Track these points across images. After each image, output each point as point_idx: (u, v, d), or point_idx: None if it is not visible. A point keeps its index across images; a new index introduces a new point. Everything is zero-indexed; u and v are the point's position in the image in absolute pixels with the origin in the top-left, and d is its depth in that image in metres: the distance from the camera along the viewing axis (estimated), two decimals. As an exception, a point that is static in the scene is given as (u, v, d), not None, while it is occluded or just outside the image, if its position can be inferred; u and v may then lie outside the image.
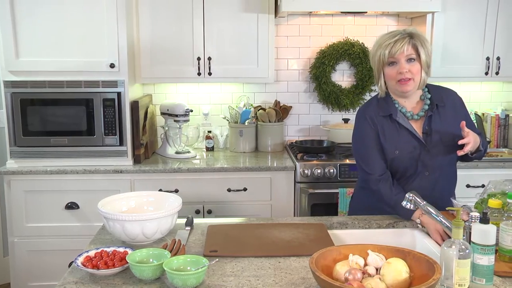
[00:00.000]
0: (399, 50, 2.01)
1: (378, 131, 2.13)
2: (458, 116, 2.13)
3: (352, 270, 1.40)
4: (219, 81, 3.53)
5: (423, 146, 2.09)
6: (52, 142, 3.12)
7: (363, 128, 2.18)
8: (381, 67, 2.09)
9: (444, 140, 2.09)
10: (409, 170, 2.13)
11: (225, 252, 1.73)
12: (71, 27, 3.02)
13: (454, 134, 2.06)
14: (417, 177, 2.12)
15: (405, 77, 2.03)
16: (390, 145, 2.11)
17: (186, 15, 3.31)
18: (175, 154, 3.44)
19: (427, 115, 2.11)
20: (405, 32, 2.05)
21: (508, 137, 3.74)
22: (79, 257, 1.63)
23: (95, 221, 3.06)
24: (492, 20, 3.42)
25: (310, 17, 3.72)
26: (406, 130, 2.10)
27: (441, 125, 2.10)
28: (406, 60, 2.03)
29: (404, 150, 2.10)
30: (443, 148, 2.09)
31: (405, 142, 2.10)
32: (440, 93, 2.17)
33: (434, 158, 2.10)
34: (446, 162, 2.13)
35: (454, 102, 2.17)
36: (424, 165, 2.10)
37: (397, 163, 2.12)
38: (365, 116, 2.17)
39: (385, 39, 2.06)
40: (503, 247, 1.63)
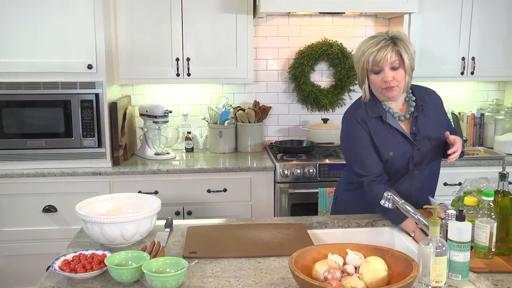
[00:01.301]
0: (383, 60, 2.00)
1: (371, 132, 2.12)
2: (439, 114, 2.20)
3: (331, 269, 1.41)
4: (198, 81, 3.51)
5: (413, 146, 2.11)
6: (29, 145, 3.07)
7: (355, 130, 2.14)
8: (366, 74, 2.08)
9: (431, 138, 2.13)
10: (401, 171, 2.14)
11: (204, 253, 1.72)
12: (47, 27, 2.98)
13: (438, 131, 2.13)
14: (408, 176, 2.15)
15: (390, 85, 2.04)
16: (384, 147, 2.11)
17: (165, 15, 3.29)
18: (155, 156, 3.42)
19: (414, 116, 2.14)
20: (388, 37, 2.03)
21: (483, 136, 3.81)
22: (57, 261, 1.61)
23: (74, 224, 3.02)
24: (466, 20, 3.48)
25: (289, 17, 3.73)
26: (397, 131, 2.11)
27: (426, 124, 2.14)
28: (391, 68, 2.03)
29: (398, 151, 2.11)
30: (431, 146, 2.13)
31: (398, 143, 2.11)
32: (422, 93, 2.21)
33: (424, 157, 2.13)
34: (434, 160, 2.18)
35: (435, 101, 2.22)
36: (414, 164, 2.13)
37: (390, 164, 2.13)
38: (356, 118, 2.14)
39: (368, 46, 2.04)
40: (478, 243, 1.66)
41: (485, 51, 3.54)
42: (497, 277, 1.56)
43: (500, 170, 1.74)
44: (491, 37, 3.53)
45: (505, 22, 3.52)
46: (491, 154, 3.54)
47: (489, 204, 1.65)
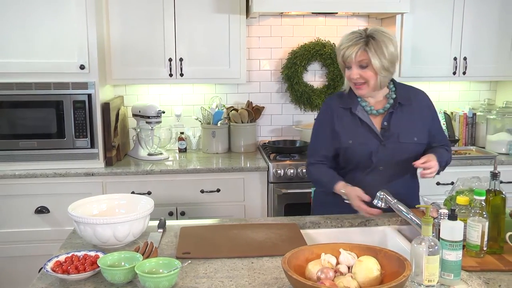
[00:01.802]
0: (349, 58, 2.05)
1: (334, 119, 2.19)
2: (424, 117, 2.18)
3: (324, 269, 1.41)
4: (191, 82, 3.51)
5: (380, 141, 2.12)
6: (21, 146, 3.06)
7: (320, 115, 2.29)
8: (342, 68, 2.16)
9: (401, 137, 2.13)
10: (363, 163, 2.16)
11: (198, 254, 1.72)
12: (39, 27, 2.97)
13: (412, 133, 2.13)
14: (372, 171, 2.15)
15: (357, 82, 2.08)
16: (345, 134, 2.17)
17: (157, 15, 3.29)
18: (148, 156, 3.42)
19: (388, 112, 2.15)
20: (364, 35, 2.05)
21: (475, 136, 3.83)
22: (49, 262, 1.60)
23: (66, 225, 3.01)
24: (458, 21, 3.50)
25: (282, 17, 3.74)
26: (364, 124, 2.15)
27: (401, 123, 2.14)
28: (358, 66, 2.06)
29: (358, 141, 2.14)
30: (399, 145, 2.12)
31: (361, 133, 2.14)
32: (408, 92, 2.21)
33: (390, 154, 2.13)
34: (403, 160, 2.13)
35: (422, 103, 2.21)
36: (378, 159, 2.13)
37: (351, 153, 2.16)
38: (326, 105, 2.26)
39: (343, 41, 2.09)
40: (470, 242, 1.67)
41: (477, 51, 3.56)
42: (489, 276, 1.57)
43: (491, 170, 1.75)
44: (483, 37, 3.55)
45: (496, 22, 3.54)
46: (483, 153, 3.56)
47: (481, 203, 1.66)
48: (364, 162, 2.15)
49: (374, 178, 2.14)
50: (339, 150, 2.20)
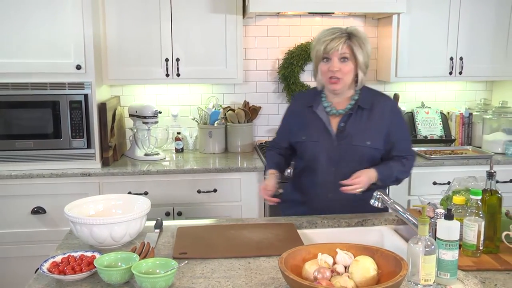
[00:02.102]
0: (333, 49, 2.06)
1: (296, 114, 2.28)
2: (383, 123, 2.16)
3: (321, 269, 1.41)
4: (187, 82, 3.51)
5: (333, 141, 2.14)
6: (17, 146, 3.05)
7: (287, 108, 2.38)
8: (317, 62, 2.15)
9: (355, 140, 2.13)
10: (314, 160, 2.19)
11: (194, 254, 1.72)
12: (36, 27, 2.96)
13: (366, 137, 2.13)
14: (324, 170, 2.17)
15: (335, 75, 2.08)
16: (301, 130, 2.23)
17: (154, 15, 3.28)
18: (144, 156, 3.41)
19: (347, 114, 2.16)
20: (344, 31, 2.10)
21: (472, 135, 3.84)
22: (45, 263, 1.60)
23: (63, 226, 3.00)
24: (454, 21, 3.51)
25: (278, 17, 3.74)
26: (322, 123, 2.17)
27: (357, 126, 2.14)
28: (339, 59, 2.07)
29: (311, 138, 2.18)
30: (351, 147, 2.13)
31: (315, 131, 2.18)
32: (372, 97, 2.20)
33: (342, 156, 2.14)
34: (356, 163, 2.13)
35: (384, 108, 2.18)
36: (330, 159, 2.15)
37: (304, 149, 2.22)
38: (293, 100, 2.38)
39: (324, 35, 2.10)
40: (466, 242, 1.67)
41: (473, 51, 3.57)
42: (485, 275, 1.57)
43: (488, 169, 1.75)
44: (479, 37, 3.56)
45: (492, 22, 3.55)
46: (479, 153, 3.57)
47: (477, 202, 1.66)
48: (316, 160, 2.18)
49: (326, 178, 2.16)
50: (295, 144, 2.27)
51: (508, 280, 1.54)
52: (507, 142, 3.51)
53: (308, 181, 2.23)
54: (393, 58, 3.53)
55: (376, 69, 3.87)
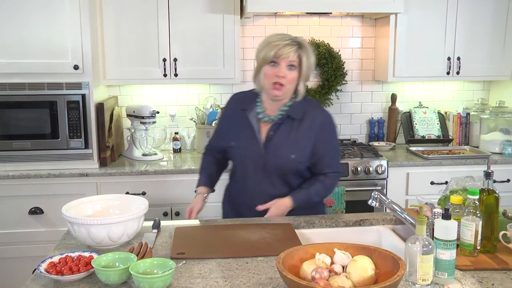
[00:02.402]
0: (284, 55, 2.03)
1: (229, 117, 2.27)
2: (311, 136, 2.13)
3: (319, 268, 1.41)
4: (185, 82, 3.51)
5: (260, 149, 2.14)
6: (14, 146, 3.04)
7: (223, 109, 2.38)
8: (263, 64, 2.10)
9: (280, 151, 2.12)
10: (244, 166, 2.20)
11: (192, 254, 1.72)
12: (33, 27, 2.96)
13: (292, 150, 2.11)
14: (254, 176, 2.17)
15: (280, 81, 2.05)
16: (231, 134, 2.22)
17: (151, 15, 3.28)
18: (142, 156, 3.41)
19: (276, 123, 2.14)
20: (295, 40, 2.08)
21: (469, 135, 3.85)
22: (43, 263, 1.59)
23: (60, 226, 3.00)
24: (452, 21, 3.51)
25: (276, 17, 3.74)
26: (252, 129, 2.17)
27: (285, 138, 2.13)
28: (287, 66, 2.06)
29: (240, 145, 2.18)
30: (276, 158, 2.12)
31: (244, 138, 2.17)
32: (305, 108, 2.16)
33: (268, 165, 2.14)
34: (282, 173, 2.15)
35: (314, 121, 2.15)
36: (257, 167, 2.15)
37: (233, 154, 2.24)
38: (229, 102, 2.33)
39: (276, 39, 2.07)
40: (463, 241, 1.68)
41: (470, 51, 3.58)
42: (482, 274, 1.57)
43: (485, 169, 1.75)
44: (476, 37, 3.57)
45: (489, 22, 3.56)
46: (477, 153, 3.58)
47: (475, 202, 1.66)
48: (245, 167, 2.19)
49: (256, 185, 2.17)
50: (225, 149, 2.27)
51: (505, 280, 1.54)
52: (505, 142, 3.52)
53: (238, 186, 2.26)
54: (391, 58, 3.54)
55: (373, 69, 3.87)
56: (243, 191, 2.23)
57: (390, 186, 3.32)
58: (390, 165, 3.30)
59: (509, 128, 3.59)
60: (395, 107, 3.87)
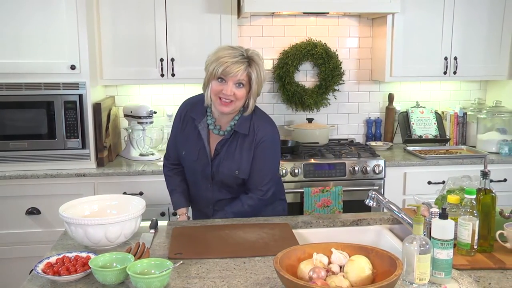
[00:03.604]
0: (233, 74, 2.00)
1: (181, 125, 2.24)
2: (251, 148, 2.14)
3: (316, 268, 1.41)
4: (182, 82, 3.50)
5: (208, 162, 2.17)
6: (11, 146, 3.03)
7: (175, 116, 2.31)
8: (210, 79, 2.07)
9: (225, 167, 2.14)
10: (193, 176, 2.24)
11: (190, 254, 1.72)
12: (29, 27, 2.95)
13: (236, 166, 2.13)
14: (203, 185, 2.22)
15: (228, 99, 2.04)
16: (181, 144, 2.23)
17: (148, 15, 3.28)
18: (139, 157, 3.40)
19: (225, 138, 2.14)
20: (246, 56, 2.04)
21: (466, 135, 3.86)
22: (40, 263, 1.59)
23: (57, 227, 2.99)
24: (448, 21, 3.52)
25: (273, 17, 3.74)
26: (201, 141, 2.17)
27: (230, 153, 2.14)
28: (235, 84, 2.03)
29: (191, 156, 2.20)
30: (222, 173, 2.15)
31: (195, 149, 2.19)
32: (251, 122, 2.15)
33: (216, 177, 2.18)
34: (228, 186, 2.19)
35: (256, 137, 2.14)
36: (207, 178, 2.19)
37: (184, 163, 2.27)
38: (180, 109, 2.29)
39: (225, 54, 2.03)
40: (461, 241, 1.68)
41: (467, 51, 3.58)
42: (479, 274, 1.58)
43: (482, 169, 1.76)
44: (473, 37, 3.57)
45: (486, 22, 3.57)
46: (474, 152, 3.59)
47: (472, 202, 1.67)
48: (195, 176, 2.23)
49: (206, 194, 2.23)
50: (178, 157, 2.28)
51: (502, 279, 1.55)
52: (501, 142, 3.53)
53: (193, 192, 2.31)
54: (388, 58, 3.54)
55: (370, 69, 3.88)
56: (198, 196, 2.29)
57: (388, 185, 3.32)
58: (388, 164, 3.30)
59: (506, 128, 3.60)
60: (392, 107, 3.87)
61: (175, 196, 2.32)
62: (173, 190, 2.34)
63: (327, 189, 3.12)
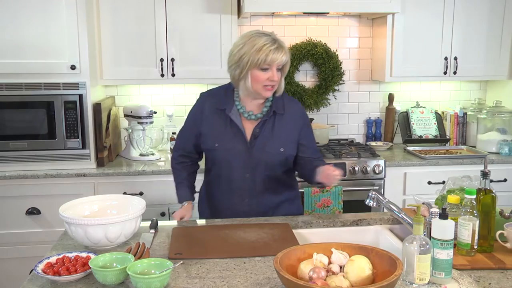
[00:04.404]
0: (278, 60, 2.03)
1: (204, 120, 2.19)
2: (295, 127, 2.20)
3: (316, 268, 1.41)
4: (182, 82, 3.50)
5: (247, 147, 2.13)
6: (11, 146, 3.03)
7: (193, 109, 2.27)
8: (251, 68, 2.05)
9: (268, 146, 2.13)
10: (228, 168, 2.16)
11: (190, 255, 1.72)
12: (29, 27, 2.95)
13: (279, 143, 2.14)
14: (239, 177, 2.16)
15: (274, 84, 2.08)
16: (212, 137, 2.16)
17: (148, 15, 3.28)
18: (139, 157, 3.41)
19: (262, 119, 2.15)
20: (280, 42, 2.07)
21: (466, 135, 3.86)
22: (40, 264, 1.59)
23: (58, 227, 2.99)
24: (448, 21, 3.52)
25: (273, 17, 3.74)
26: (235, 128, 2.14)
27: (271, 132, 2.14)
28: (277, 69, 2.07)
29: (224, 145, 2.14)
30: (265, 154, 2.13)
31: (229, 138, 2.14)
32: (283, 101, 2.20)
33: (256, 162, 2.13)
34: (269, 169, 2.16)
35: (295, 114, 2.21)
36: (245, 166, 2.14)
37: (216, 156, 2.18)
38: (199, 104, 2.25)
39: (263, 42, 2.02)
40: (461, 241, 1.68)
41: (467, 51, 3.58)
42: (479, 274, 1.58)
43: (482, 169, 1.76)
44: (473, 37, 3.57)
45: (486, 22, 3.57)
46: (474, 152, 3.59)
47: (472, 202, 1.67)
48: (230, 167, 2.16)
49: (242, 185, 2.16)
50: (205, 151, 2.23)
51: (502, 279, 1.55)
52: (501, 142, 3.53)
53: (223, 187, 2.21)
54: (388, 58, 3.54)
55: (371, 69, 3.88)
56: (229, 192, 2.20)
57: (388, 186, 3.32)
58: (388, 165, 3.30)
59: (506, 128, 3.60)
60: (393, 107, 3.87)
61: (181, 189, 2.30)
62: (179, 183, 2.31)
63: (327, 189, 3.12)
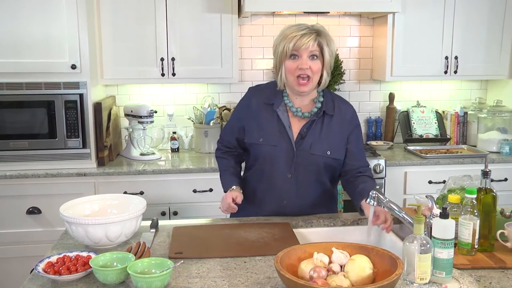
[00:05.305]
0: (304, 45, 1.94)
1: (250, 114, 2.11)
2: (344, 131, 2.09)
3: (317, 268, 1.41)
4: (183, 81, 3.50)
5: (292, 147, 2.05)
6: (12, 146, 3.04)
7: (240, 103, 2.20)
8: (283, 59, 2.00)
9: (314, 148, 2.03)
10: (271, 165, 2.07)
11: (190, 254, 1.72)
12: (30, 27, 2.95)
13: (327, 146, 2.04)
14: (281, 176, 2.07)
15: (304, 73, 1.96)
16: (257, 131, 2.08)
17: (149, 15, 3.28)
18: (140, 156, 3.41)
19: (311, 119, 2.06)
20: (312, 28, 1.98)
21: (466, 134, 3.85)
22: (40, 263, 1.59)
23: (58, 226, 2.99)
24: (449, 20, 3.52)
25: (274, 17, 3.74)
26: (282, 124, 2.06)
27: (319, 134, 2.05)
28: (309, 56, 1.96)
29: (269, 141, 2.06)
30: (310, 156, 2.04)
31: (274, 134, 2.05)
32: (333, 101, 2.11)
33: (300, 163, 2.04)
34: (314, 171, 2.07)
35: (345, 116, 2.10)
36: (288, 165, 2.05)
37: (259, 152, 2.09)
38: (248, 97, 2.17)
39: (291, 30, 1.97)
40: (461, 240, 1.68)
41: (468, 50, 3.58)
42: (480, 273, 1.58)
43: (483, 168, 1.76)
44: (474, 36, 3.57)
45: (486, 21, 3.57)
46: (474, 152, 3.58)
47: (472, 201, 1.67)
48: (273, 165, 2.07)
49: (282, 184, 2.07)
50: (249, 146, 2.13)
51: (502, 278, 1.54)
52: (502, 141, 3.53)
53: (263, 185, 2.12)
54: (388, 57, 3.54)
55: (371, 68, 3.88)
56: (270, 189, 2.11)
57: (388, 185, 3.32)
58: (388, 164, 3.30)
59: (507, 127, 3.60)
60: (393, 106, 3.87)
61: (226, 176, 2.19)
62: (225, 171, 2.21)
63: None
